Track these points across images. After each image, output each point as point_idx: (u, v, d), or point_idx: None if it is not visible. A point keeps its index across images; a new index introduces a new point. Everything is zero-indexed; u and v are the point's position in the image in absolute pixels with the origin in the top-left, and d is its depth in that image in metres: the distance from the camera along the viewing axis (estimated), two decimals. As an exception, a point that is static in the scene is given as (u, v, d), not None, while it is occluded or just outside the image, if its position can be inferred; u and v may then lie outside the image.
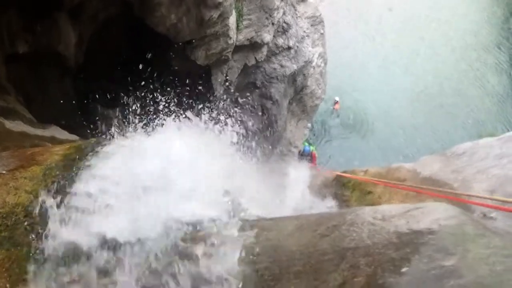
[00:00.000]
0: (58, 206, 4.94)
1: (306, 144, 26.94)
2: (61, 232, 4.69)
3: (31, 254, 4.51)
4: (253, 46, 20.45)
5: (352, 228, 4.35)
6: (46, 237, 4.62)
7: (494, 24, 44.54)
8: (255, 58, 21.15)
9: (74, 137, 11.70)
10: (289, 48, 22.85)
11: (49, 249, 4.56)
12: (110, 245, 4.68)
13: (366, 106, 34.61)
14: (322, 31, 27.24)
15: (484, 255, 3.52)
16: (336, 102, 33.88)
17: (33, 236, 4.62)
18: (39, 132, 10.88)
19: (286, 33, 22.64)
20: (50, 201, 4.92)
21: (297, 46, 23.41)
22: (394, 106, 34.82)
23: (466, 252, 3.55)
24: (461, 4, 46.72)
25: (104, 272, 4.57)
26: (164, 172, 5.62)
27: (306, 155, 24.95)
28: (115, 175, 5.50)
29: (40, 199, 4.91)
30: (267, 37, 20.56)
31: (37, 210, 4.78)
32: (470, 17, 45.26)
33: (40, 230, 4.67)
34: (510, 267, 3.37)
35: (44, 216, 4.78)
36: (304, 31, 24.70)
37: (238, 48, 19.54)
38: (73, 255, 4.59)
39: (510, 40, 41.92)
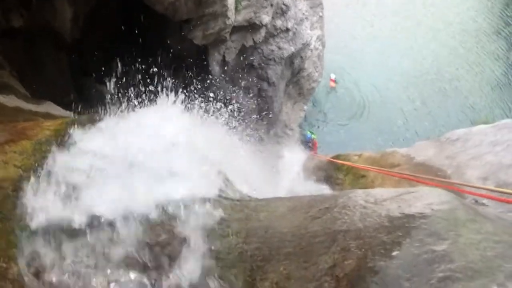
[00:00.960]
0: (48, 181, 4.91)
1: (309, 132, 27.03)
2: (50, 208, 4.66)
3: (18, 229, 4.48)
4: (251, 27, 20.35)
5: (344, 210, 4.33)
6: (34, 212, 4.59)
7: (493, 10, 44.33)
8: (253, 39, 21.07)
9: (68, 113, 11.65)
10: (287, 30, 22.76)
11: (37, 224, 4.53)
12: (99, 220, 4.66)
13: (363, 90, 34.52)
14: (321, 14, 27.13)
15: (476, 240, 3.50)
16: (331, 80, 33.94)
17: (21, 211, 4.59)
18: (33, 107, 10.83)
19: (284, 14, 22.53)
20: (39, 176, 4.89)
21: (296, 28, 23.32)
22: (391, 90, 34.76)
23: (457, 237, 3.53)
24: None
25: (92, 247, 4.55)
26: (156, 150, 5.58)
27: (307, 143, 25.01)
28: (106, 151, 5.46)
29: (29, 173, 4.87)
30: (266, 18, 20.46)
31: (25, 185, 4.74)
32: (470, 2, 45.06)
33: (28, 205, 4.63)
34: (501, 253, 3.36)
35: (32, 191, 4.75)
36: (303, 13, 24.59)
37: (236, 29, 19.45)
38: (62, 230, 4.57)
39: (510, 26, 41.76)
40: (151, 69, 11.70)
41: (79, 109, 9.97)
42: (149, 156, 5.44)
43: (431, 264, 3.36)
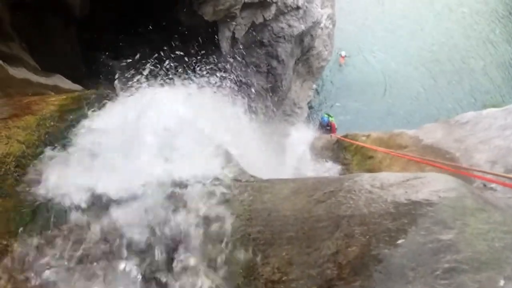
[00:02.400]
0: (51, 158, 4.86)
1: (326, 115, 26.93)
2: (52, 185, 4.61)
3: (20, 206, 4.43)
4: (262, 4, 20.22)
5: (349, 195, 4.25)
6: (36, 189, 4.54)
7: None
8: (263, 16, 20.94)
9: (77, 86, 11.63)
10: (298, 8, 22.60)
11: (39, 201, 4.49)
12: (101, 200, 4.60)
13: (372, 70, 34.46)
14: (332, -8, 26.96)
15: (483, 230, 3.42)
16: (341, 56, 33.96)
17: (22, 187, 4.55)
18: (42, 80, 10.80)
19: (295, -8, 22.38)
20: (42, 153, 4.84)
21: (306, 6, 23.15)
22: (400, 71, 34.67)
23: (464, 227, 3.45)
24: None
25: (94, 227, 4.50)
26: (162, 127, 5.51)
27: (325, 126, 24.92)
28: (112, 128, 5.39)
29: (32, 149, 4.82)
30: (277, -5, 20.34)
31: (28, 161, 4.69)
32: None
33: (30, 182, 4.58)
34: (509, 244, 3.29)
35: (35, 168, 4.70)
36: (314, -9, 24.41)
37: (247, 5, 19.33)
38: (64, 208, 4.51)
39: (520, 11, 41.54)
40: (161, 45, 11.61)
41: (88, 83, 9.93)
42: (155, 133, 5.37)
43: (437, 253, 3.29)
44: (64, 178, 4.68)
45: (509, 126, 8.50)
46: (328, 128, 23.68)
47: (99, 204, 4.56)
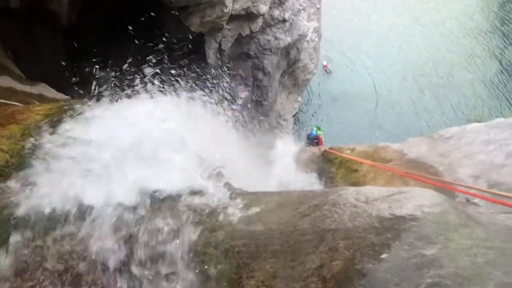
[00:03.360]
0: (35, 167, 4.84)
1: (315, 128, 27.11)
2: (36, 195, 4.59)
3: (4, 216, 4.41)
4: (249, 16, 20.31)
5: (334, 208, 4.27)
6: (20, 200, 4.52)
7: (489, 9, 44.45)
8: (250, 28, 21.04)
9: (62, 95, 11.60)
10: (284, 20, 22.74)
11: (22, 212, 4.46)
12: (87, 210, 4.58)
13: (357, 84, 34.67)
14: (318, 6, 27.11)
15: (466, 246, 3.44)
16: (324, 65, 34.23)
17: (6, 198, 4.52)
18: (27, 88, 10.77)
19: (282, 5, 22.51)
20: (26, 162, 4.82)
21: (293, 19, 23.29)
22: (386, 85, 34.91)
23: (448, 242, 3.47)
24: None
25: (79, 238, 4.48)
26: (147, 139, 5.51)
27: (312, 139, 25.03)
28: (97, 139, 5.38)
29: (16, 159, 4.80)
30: (263, 8, 20.42)
31: (11, 171, 4.67)
32: (465, 1, 45.14)
33: (13, 192, 4.56)
34: (492, 260, 3.31)
35: (19, 177, 4.68)
36: (301, 4, 24.56)
37: (233, 17, 19.41)
38: (48, 219, 4.49)
39: (504, 26, 41.86)
40: (147, 56, 11.61)
41: (73, 92, 9.88)
42: (138, 144, 5.36)
43: (420, 268, 3.30)
44: (47, 188, 4.66)
45: (492, 141, 8.56)
46: (316, 141, 23.80)
47: (81, 215, 4.54)
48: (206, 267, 4.19)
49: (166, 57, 13.71)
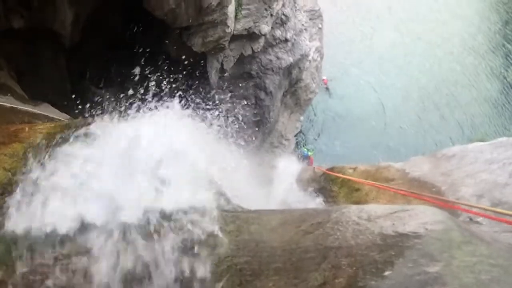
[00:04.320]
0: (37, 185, 4.82)
1: (305, 149, 27.25)
2: (39, 213, 4.57)
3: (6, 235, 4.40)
4: (251, 36, 20.38)
5: (337, 226, 4.26)
6: (23, 217, 4.51)
7: (491, 29, 44.50)
8: (252, 48, 21.09)
9: (64, 115, 11.61)
10: (286, 40, 22.81)
11: (25, 230, 4.45)
12: (89, 228, 4.57)
13: (359, 103, 34.64)
14: (320, 26, 27.23)
15: (470, 263, 3.43)
16: (324, 80, 34.22)
17: (8, 215, 4.51)
18: (29, 108, 10.77)
19: (284, 25, 22.59)
20: (29, 180, 4.81)
21: (295, 39, 23.37)
22: (388, 104, 34.88)
23: (451, 259, 3.46)
24: (460, 6, 46.61)
25: (80, 256, 4.46)
26: (149, 158, 5.50)
27: (303, 159, 25.12)
28: (100, 157, 5.37)
29: (19, 177, 4.79)
30: (265, 28, 20.50)
31: (15, 188, 4.66)
32: (468, 20, 45.20)
33: (16, 210, 4.55)
34: (496, 277, 3.29)
35: (22, 195, 4.66)
36: (303, 24, 24.66)
37: (235, 38, 19.47)
38: (49, 237, 4.47)
39: (506, 46, 41.88)
40: (150, 75, 11.63)
41: (75, 112, 9.88)
42: (141, 164, 5.35)
43: (424, 286, 3.28)
44: (50, 206, 4.65)
45: (496, 160, 8.54)
46: (307, 162, 23.90)
47: (84, 234, 4.52)
48: (207, 284, 4.17)
49: (168, 77, 13.74)
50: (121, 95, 8.53)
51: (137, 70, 12.31)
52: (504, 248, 3.95)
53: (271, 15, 20.65)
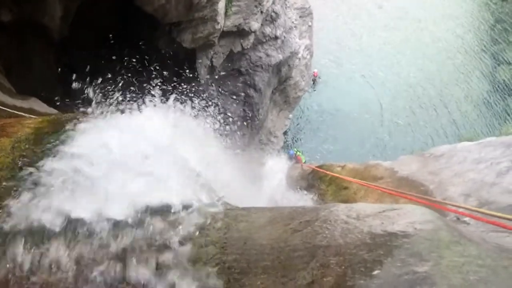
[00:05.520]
0: (24, 181, 4.78)
1: (295, 150, 27.30)
2: (26, 209, 4.54)
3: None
4: (240, 33, 20.36)
5: (325, 225, 4.25)
6: (9, 213, 4.46)
7: (481, 29, 44.71)
8: (242, 45, 21.08)
9: (53, 110, 11.54)
10: (276, 37, 22.81)
11: (12, 226, 4.41)
12: (76, 224, 4.53)
13: (349, 101, 34.71)
14: (310, 23, 27.25)
15: (458, 263, 3.43)
16: (314, 73, 34.26)
17: (-3, 210, 4.47)
18: (17, 102, 10.69)
19: (274, 22, 22.58)
20: (16, 175, 4.76)
21: (284, 37, 23.37)
22: (377, 103, 35.00)
23: (440, 259, 3.46)
24: (450, 6, 46.84)
25: (69, 252, 4.42)
26: (138, 154, 5.47)
27: (291, 158, 25.18)
28: (88, 153, 5.33)
29: (6, 172, 4.75)
30: (255, 25, 20.48)
31: (2, 183, 4.61)
32: (458, 20, 45.42)
33: (3, 205, 4.50)
34: (484, 277, 3.29)
35: (8, 191, 4.62)
36: (292, 22, 24.66)
37: (225, 34, 19.46)
38: (37, 233, 4.44)
39: (495, 46, 42.07)
40: (139, 71, 11.59)
41: (64, 107, 9.82)
42: (130, 159, 5.32)
43: (412, 286, 3.28)
44: (38, 202, 4.61)
45: (483, 160, 8.58)
46: (296, 161, 23.95)
47: (73, 230, 4.49)
48: (196, 282, 4.14)
49: (158, 72, 13.71)
50: (110, 90, 8.50)
51: (126, 64, 12.28)
52: (492, 249, 3.95)
53: (261, 12, 20.63)
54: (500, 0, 47.51)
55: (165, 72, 15.63)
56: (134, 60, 14.49)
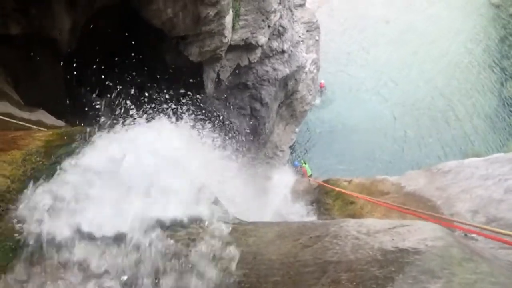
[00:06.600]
0: (36, 194, 4.79)
1: (302, 162, 27.16)
2: (38, 221, 4.54)
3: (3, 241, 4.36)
4: (248, 47, 20.42)
5: (336, 240, 4.23)
6: (21, 224, 4.47)
7: (488, 45, 44.58)
8: (248, 59, 21.13)
9: (60, 122, 11.58)
10: (283, 51, 22.86)
11: (24, 236, 4.41)
12: (88, 237, 4.53)
13: (356, 116, 34.68)
14: (317, 38, 27.32)
15: (471, 280, 3.40)
16: (320, 83, 34.26)
17: (7, 222, 4.47)
18: (25, 115, 10.74)
19: (281, 36, 22.64)
20: (28, 188, 4.77)
21: (291, 51, 23.41)
22: (384, 117, 34.96)
23: (452, 276, 3.43)
24: (458, 21, 46.78)
25: (79, 265, 4.42)
26: (147, 167, 5.47)
27: (296, 169, 25.12)
28: (98, 166, 5.33)
29: (17, 184, 4.76)
30: (262, 39, 20.53)
31: (13, 196, 4.62)
32: (465, 35, 45.33)
33: (15, 217, 4.51)
34: (497, 295, 3.27)
35: (20, 203, 4.63)
36: (300, 36, 24.74)
37: (232, 48, 19.51)
38: (49, 245, 4.44)
39: (503, 62, 41.94)
40: (146, 84, 11.62)
41: (72, 119, 9.84)
42: (139, 173, 5.32)
43: (425, 303, 3.26)
44: (48, 214, 4.61)
45: (491, 176, 8.55)
46: (301, 173, 23.87)
47: (82, 242, 4.49)
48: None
49: (164, 86, 13.73)
50: (118, 103, 8.51)
51: (133, 78, 12.30)
52: (504, 266, 3.93)
53: (269, 26, 20.69)
54: (510, 15, 47.44)
55: (172, 85, 15.67)
56: (142, 73, 14.55)
